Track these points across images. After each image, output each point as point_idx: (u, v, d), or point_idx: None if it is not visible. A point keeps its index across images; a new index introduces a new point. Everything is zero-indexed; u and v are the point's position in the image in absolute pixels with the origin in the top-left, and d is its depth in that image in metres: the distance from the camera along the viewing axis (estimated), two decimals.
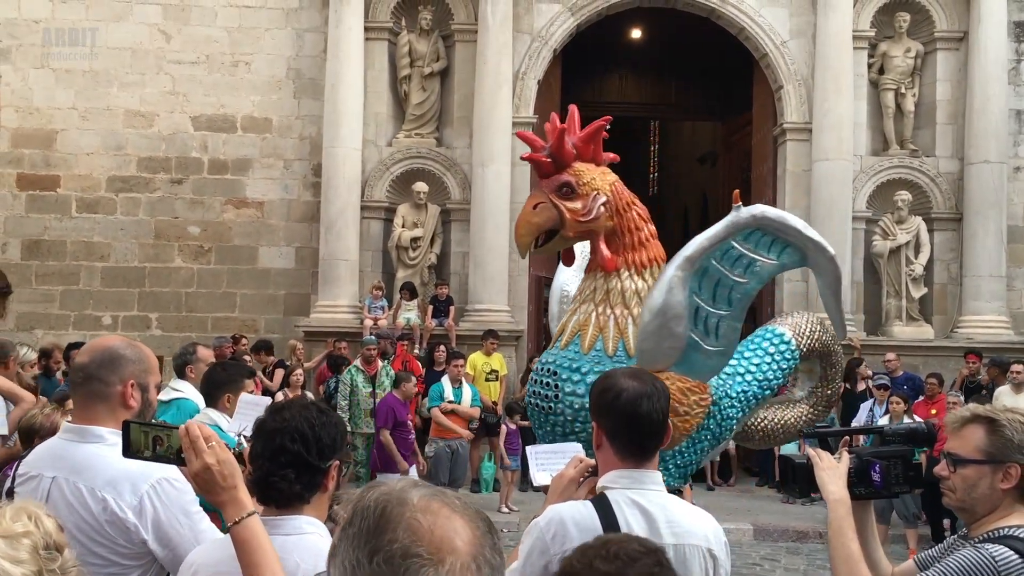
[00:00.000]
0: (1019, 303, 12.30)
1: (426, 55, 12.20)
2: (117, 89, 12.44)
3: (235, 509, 2.00)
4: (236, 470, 2.02)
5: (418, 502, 1.25)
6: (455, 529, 1.23)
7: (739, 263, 4.00)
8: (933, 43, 12.25)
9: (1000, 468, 2.21)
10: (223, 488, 2.01)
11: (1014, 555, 2.13)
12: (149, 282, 12.45)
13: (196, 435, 2.03)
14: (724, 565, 2.30)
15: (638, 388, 2.28)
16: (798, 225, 4.04)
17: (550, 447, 2.84)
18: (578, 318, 4.08)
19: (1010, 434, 2.21)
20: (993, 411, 2.27)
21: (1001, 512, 2.22)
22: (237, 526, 1.97)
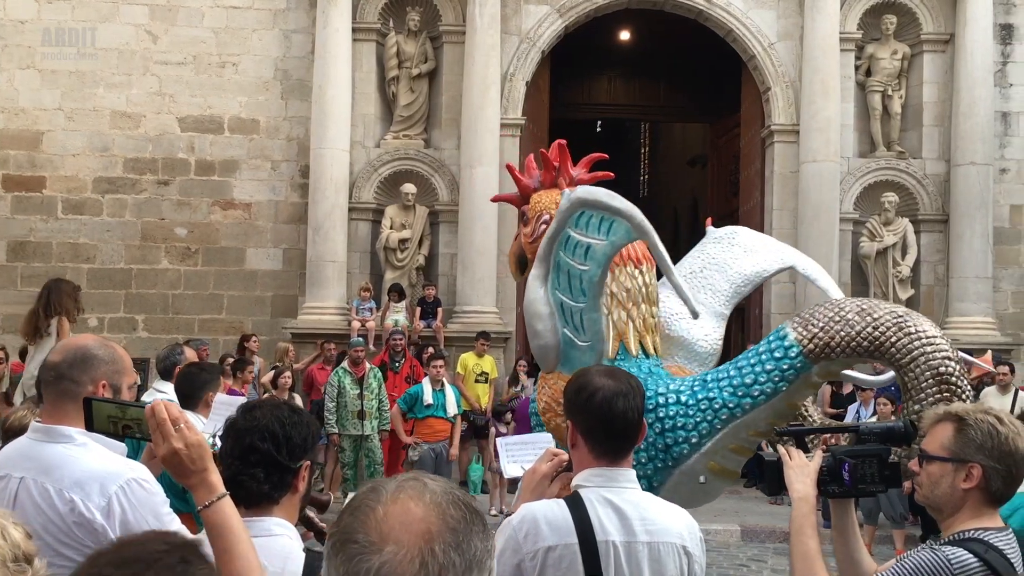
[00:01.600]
0: (1005, 304, 12.34)
1: (414, 56, 12.18)
2: (103, 90, 12.38)
3: (205, 492, 1.96)
4: (205, 452, 1.97)
5: (392, 490, 1.21)
6: (409, 519, 1.17)
7: (579, 250, 3.96)
8: (919, 45, 12.29)
9: (963, 468, 2.20)
10: (192, 471, 1.96)
11: (971, 559, 2.13)
12: (135, 284, 12.39)
13: (163, 418, 1.97)
14: (699, 561, 2.29)
15: (613, 386, 2.27)
16: (605, 198, 3.90)
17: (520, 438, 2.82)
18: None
19: (973, 434, 2.21)
20: (964, 410, 2.27)
21: (969, 513, 2.21)
22: (208, 509, 1.93)
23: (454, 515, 1.19)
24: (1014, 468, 2.20)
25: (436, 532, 1.17)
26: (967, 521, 2.21)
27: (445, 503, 1.20)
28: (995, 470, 2.19)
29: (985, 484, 2.19)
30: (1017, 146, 12.44)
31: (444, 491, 1.22)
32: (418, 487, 1.22)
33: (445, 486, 1.24)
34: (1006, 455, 2.19)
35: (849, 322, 3.84)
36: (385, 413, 10.22)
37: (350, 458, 10.15)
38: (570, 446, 2.34)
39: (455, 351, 11.23)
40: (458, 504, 1.21)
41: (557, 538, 2.15)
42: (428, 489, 1.22)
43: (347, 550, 1.16)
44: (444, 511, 1.19)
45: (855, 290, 12.19)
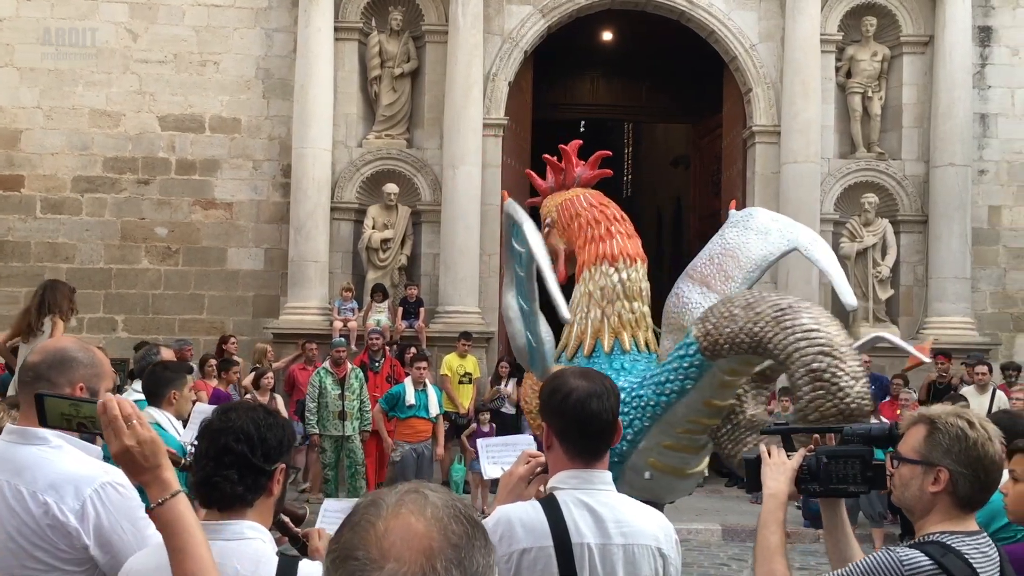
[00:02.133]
0: (983, 305, 12.44)
1: (396, 56, 12.16)
2: (83, 88, 12.29)
3: (158, 489, 1.93)
4: (159, 448, 1.95)
5: (392, 503, 1.19)
6: (410, 536, 1.14)
7: (521, 259, 4.14)
8: (899, 47, 12.38)
9: (931, 471, 2.20)
10: (145, 468, 1.94)
11: (925, 560, 2.13)
12: (115, 284, 12.31)
13: (115, 415, 1.93)
14: (674, 563, 2.30)
15: (588, 387, 2.27)
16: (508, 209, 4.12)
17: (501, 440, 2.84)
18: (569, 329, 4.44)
19: (941, 438, 2.20)
20: (937, 413, 2.26)
21: (938, 516, 2.21)
22: (161, 507, 1.91)
23: (456, 530, 1.16)
24: (982, 473, 2.18)
25: (438, 548, 1.14)
26: (935, 524, 2.21)
27: (447, 517, 1.17)
28: (962, 475, 2.17)
29: (953, 489, 2.18)
30: (995, 147, 12.55)
31: (446, 504, 1.20)
32: (420, 500, 1.19)
33: (447, 499, 1.21)
34: (974, 460, 2.17)
35: (735, 318, 3.80)
36: (366, 414, 10.20)
37: (331, 459, 10.13)
38: (545, 448, 2.34)
39: (437, 351, 11.22)
40: (460, 518, 1.18)
41: (532, 540, 2.15)
42: (430, 503, 1.19)
43: (347, 567, 1.13)
44: (446, 526, 1.16)
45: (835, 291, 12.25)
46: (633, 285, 4.45)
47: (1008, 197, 12.57)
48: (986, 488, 2.21)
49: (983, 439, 2.18)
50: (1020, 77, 12.54)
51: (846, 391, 3.69)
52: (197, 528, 1.91)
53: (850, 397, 3.70)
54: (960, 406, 2.53)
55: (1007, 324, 12.51)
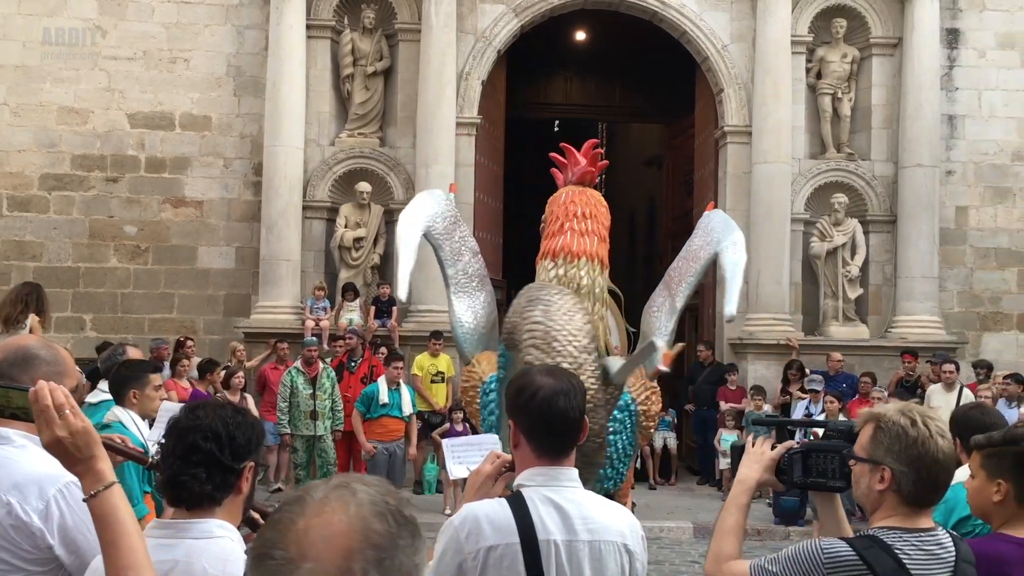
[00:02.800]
0: (951, 304, 12.60)
1: (369, 54, 12.12)
2: (50, 85, 12.14)
3: (92, 480, 1.88)
4: (92, 439, 1.89)
5: (316, 500, 1.15)
6: (330, 535, 1.11)
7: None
8: (868, 49, 12.51)
9: (877, 469, 2.23)
10: (78, 459, 1.89)
11: (847, 551, 2.16)
12: (83, 282, 12.17)
13: (46, 404, 1.88)
14: (640, 559, 2.31)
15: (554, 385, 2.28)
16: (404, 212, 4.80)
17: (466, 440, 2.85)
18: None
19: (882, 436, 2.23)
20: (883, 411, 2.29)
21: (883, 513, 2.24)
22: (94, 499, 1.87)
23: (378, 529, 1.13)
24: (923, 471, 2.18)
25: (357, 549, 1.11)
26: (881, 521, 2.24)
27: (371, 515, 1.14)
28: (903, 473, 2.19)
29: (897, 487, 2.20)
30: (963, 148, 12.71)
31: (372, 501, 1.16)
32: (345, 497, 1.15)
33: (375, 495, 1.17)
34: (915, 459, 2.18)
35: (513, 309, 4.00)
36: (338, 413, 10.17)
37: (303, 458, 10.09)
38: (512, 446, 2.34)
39: (410, 350, 11.19)
40: (385, 516, 1.15)
41: (499, 538, 2.15)
42: (356, 500, 1.15)
43: (265, 566, 1.11)
44: (368, 525, 1.13)
45: (806, 289, 12.38)
46: (571, 282, 4.54)
47: (975, 198, 12.74)
48: (932, 486, 2.21)
49: (924, 437, 2.19)
50: (987, 79, 12.71)
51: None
52: (131, 521, 1.87)
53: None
54: (913, 402, 2.56)
55: (974, 323, 12.68)
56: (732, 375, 11.80)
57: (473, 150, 12.29)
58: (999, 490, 2.55)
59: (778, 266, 11.95)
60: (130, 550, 1.80)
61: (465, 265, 5.08)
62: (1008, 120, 12.71)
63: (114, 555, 1.79)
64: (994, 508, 2.61)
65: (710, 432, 11.86)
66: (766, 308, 11.93)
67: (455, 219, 5.25)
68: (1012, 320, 12.70)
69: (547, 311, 3.91)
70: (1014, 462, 2.54)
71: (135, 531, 1.85)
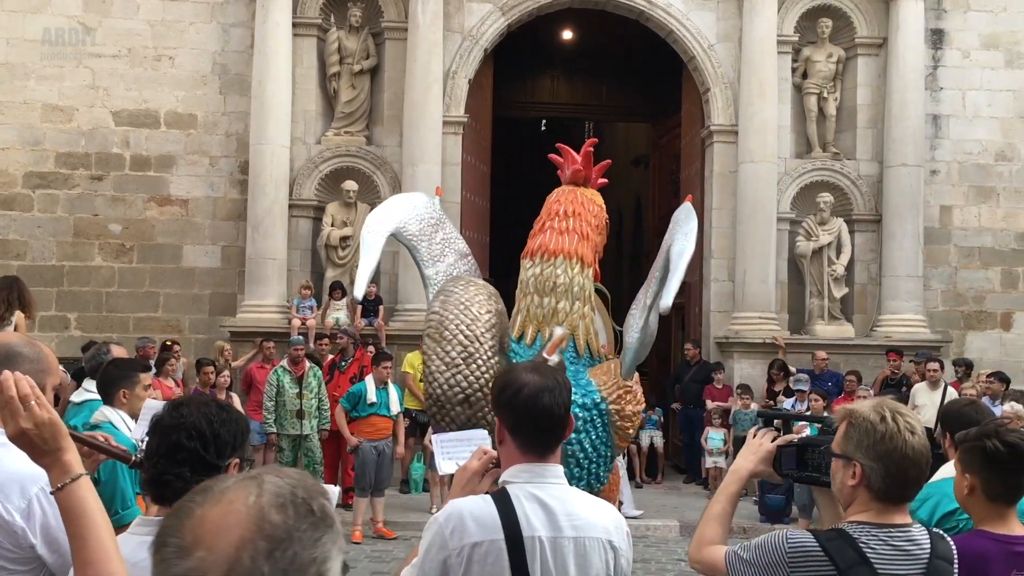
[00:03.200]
0: (935, 303, 12.67)
1: (356, 52, 12.09)
2: (34, 82, 12.06)
3: (59, 473, 1.84)
4: (58, 431, 1.85)
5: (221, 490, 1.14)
6: (224, 524, 1.10)
7: None
8: (854, 49, 12.56)
9: (849, 465, 2.25)
10: (44, 452, 1.84)
11: (811, 543, 2.20)
12: (68, 281, 12.09)
13: (10, 396, 1.83)
14: (625, 555, 2.31)
15: (539, 382, 2.28)
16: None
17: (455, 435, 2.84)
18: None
19: (853, 432, 2.25)
20: (855, 408, 2.31)
21: (856, 508, 2.27)
22: (61, 492, 1.83)
23: (274, 520, 1.11)
24: (892, 467, 2.19)
25: (248, 539, 1.09)
26: (853, 516, 2.26)
27: (269, 506, 1.12)
28: (872, 468, 2.21)
29: (867, 482, 2.22)
30: (947, 148, 12.78)
31: (277, 492, 1.14)
32: (250, 487, 1.14)
33: (283, 486, 1.15)
34: (883, 454, 2.20)
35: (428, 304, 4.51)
36: (324, 412, 10.14)
37: (289, 458, 10.05)
38: (498, 443, 2.34)
39: (397, 349, 11.17)
40: (286, 507, 1.13)
41: (483, 534, 2.15)
42: (258, 490, 1.14)
43: (161, 552, 1.11)
44: (264, 515, 1.11)
45: (792, 288, 12.43)
46: (547, 280, 4.61)
47: (959, 197, 12.81)
48: (902, 481, 2.22)
49: (892, 432, 2.20)
50: (971, 79, 12.79)
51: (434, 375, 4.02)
52: (100, 514, 1.84)
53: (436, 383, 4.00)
54: (891, 398, 2.59)
55: (958, 322, 12.75)
56: (719, 374, 11.84)
57: (460, 149, 12.29)
58: (967, 484, 2.58)
59: (764, 265, 11.99)
60: (98, 543, 1.77)
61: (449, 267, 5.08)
62: (992, 120, 12.79)
63: (82, 549, 1.76)
64: (966, 502, 2.64)
65: (696, 431, 11.90)
66: (752, 307, 11.97)
67: (436, 221, 5.24)
68: (996, 319, 12.78)
69: (445, 302, 4.09)
70: (983, 458, 2.57)
71: (104, 524, 1.82)
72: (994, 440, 2.55)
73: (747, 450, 2.52)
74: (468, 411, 4.10)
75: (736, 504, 2.53)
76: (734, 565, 2.29)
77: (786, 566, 2.20)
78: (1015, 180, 12.80)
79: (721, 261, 12.45)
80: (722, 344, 12.24)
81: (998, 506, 2.57)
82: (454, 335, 3.98)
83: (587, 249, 4.79)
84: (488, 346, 4.07)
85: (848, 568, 2.15)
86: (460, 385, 3.98)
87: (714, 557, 2.37)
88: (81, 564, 1.76)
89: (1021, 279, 12.81)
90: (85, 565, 1.75)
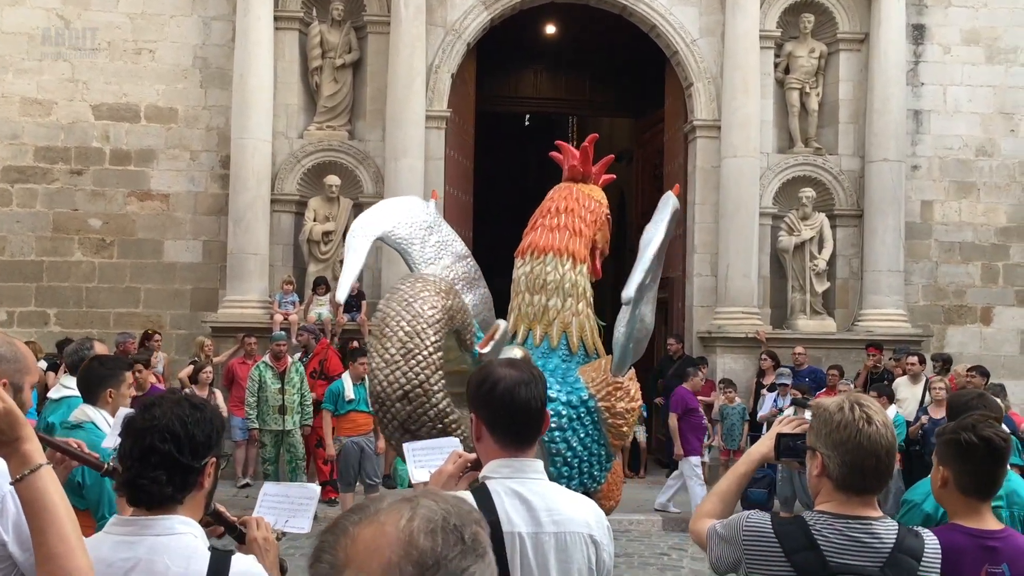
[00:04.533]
0: (916, 297, 12.75)
1: (338, 46, 12.02)
2: (12, 76, 11.94)
3: (17, 464, 1.79)
4: (16, 420, 1.80)
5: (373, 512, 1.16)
6: (376, 546, 1.12)
7: None
8: (836, 44, 12.60)
9: (815, 456, 2.32)
10: (4, 441, 1.79)
11: (766, 524, 2.30)
12: (47, 276, 11.98)
13: None
14: (607, 549, 2.31)
15: (515, 376, 2.27)
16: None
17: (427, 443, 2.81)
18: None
19: (815, 423, 2.33)
20: (821, 401, 2.38)
21: (822, 497, 2.32)
22: (21, 483, 1.79)
23: (423, 546, 1.12)
24: (847, 456, 2.23)
25: (396, 563, 1.11)
26: (817, 506, 2.33)
27: (420, 531, 1.13)
28: (830, 457, 2.26)
29: (827, 472, 2.27)
30: (928, 143, 12.85)
31: (429, 517, 1.15)
32: (402, 510, 1.15)
33: (435, 511, 1.16)
34: (839, 444, 2.24)
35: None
36: (307, 408, 10.11)
37: (271, 453, 10.03)
38: (475, 440, 2.33)
39: None
40: (435, 533, 1.14)
41: None
42: (414, 513, 1.15)
43: (315, 568, 1.14)
44: (413, 540, 1.12)
45: (774, 283, 12.47)
46: (537, 278, 4.60)
47: (940, 192, 12.89)
48: (859, 471, 2.24)
49: (847, 421, 2.24)
50: (952, 74, 12.86)
51: (374, 372, 4.06)
52: (63, 506, 1.80)
53: (375, 379, 4.05)
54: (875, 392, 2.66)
55: (938, 316, 12.83)
56: (702, 368, 11.85)
57: (443, 143, 12.24)
58: (941, 476, 2.60)
59: (746, 260, 12.02)
60: (60, 538, 1.73)
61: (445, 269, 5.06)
62: (972, 115, 12.86)
63: (43, 543, 1.72)
64: (940, 494, 2.65)
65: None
66: (735, 302, 12.00)
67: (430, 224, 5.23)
68: (976, 313, 12.87)
69: (388, 299, 4.12)
70: (957, 451, 2.59)
71: (66, 516, 1.78)
72: (969, 433, 2.56)
73: (767, 437, 2.59)
74: (408, 407, 4.06)
75: (743, 484, 2.65)
76: (711, 538, 2.42)
77: (740, 544, 2.31)
78: (995, 175, 12.89)
79: (704, 256, 12.47)
80: (705, 339, 12.27)
81: (971, 500, 2.58)
82: (394, 331, 3.96)
83: (579, 245, 4.77)
84: (430, 342, 4.02)
85: (794, 552, 2.22)
86: (399, 382, 3.95)
87: (701, 528, 2.51)
88: (43, 559, 1.72)
89: (1001, 274, 12.90)
90: (47, 560, 1.71)
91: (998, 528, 2.59)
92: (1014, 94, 12.88)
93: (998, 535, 2.55)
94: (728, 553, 2.35)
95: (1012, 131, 12.91)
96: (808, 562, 2.20)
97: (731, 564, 2.37)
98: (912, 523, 2.78)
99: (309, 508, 2.85)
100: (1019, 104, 12.90)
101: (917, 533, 2.32)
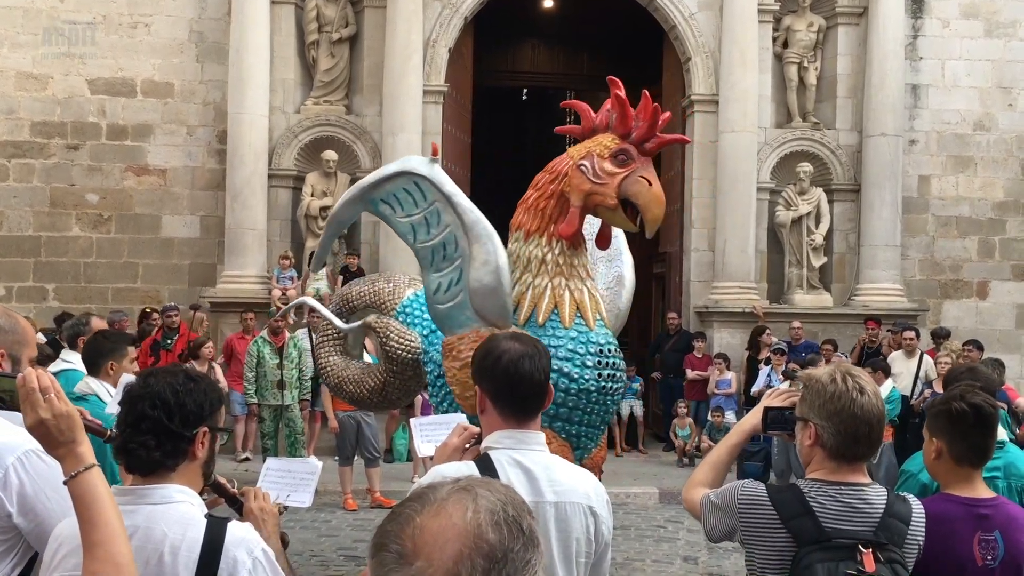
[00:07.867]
0: (912, 272, 12.79)
1: (334, 20, 11.95)
2: (8, 50, 11.88)
3: (73, 462, 1.92)
4: (74, 423, 1.93)
5: (438, 500, 1.17)
6: (444, 538, 1.12)
7: None
8: (834, 18, 12.54)
9: (806, 426, 2.38)
10: (60, 442, 1.92)
11: (760, 493, 2.36)
12: (45, 252, 11.99)
13: (32, 387, 1.91)
14: (606, 522, 2.35)
15: (519, 349, 2.31)
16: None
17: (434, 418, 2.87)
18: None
19: (807, 394, 2.39)
20: (812, 372, 2.44)
21: (813, 467, 2.39)
22: (74, 480, 1.90)
23: (491, 539, 1.13)
24: (841, 425, 2.30)
25: (467, 555, 1.12)
26: (809, 474, 2.39)
27: (487, 523, 1.14)
28: (823, 427, 2.33)
29: (821, 441, 2.34)
30: (926, 118, 12.83)
31: (491, 509, 1.16)
32: (465, 501, 1.17)
33: (495, 502, 1.17)
34: (832, 413, 2.31)
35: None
36: (305, 383, 10.15)
37: (270, 428, 10.07)
38: (479, 412, 2.37)
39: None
40: (500, 526, 1.15)
41: None
42: (475, 505, 1.16)
43: (380, 556, 1.15)
44: (481, 533, 1.13)
45: (771, 258, 12.49)
46: (511, 254, 4.77)
47: (937, 167, 12.89)
48: (852, 439, 2.32)
49: (841, 391, 2.31)
50: (950, 49, 12.82)
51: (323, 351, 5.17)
52: (109, 501, 1.91)
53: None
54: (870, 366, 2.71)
55: (935, 291, 12.88)
56: (699, 343, 11.91)
57: (440, 118, 12.21)
58: (934, 448, 2.64)
59: (744, 235, 12.04)
60: (107, 527, 1.87)
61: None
62: (970, 90, 12.84)
63: (91, 532, 1.86)
64: (934, 466, 2.70)
65: (677, 400, 11.98)
66: (732, 276, 12.03)
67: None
68: (972, 288, 12.91)
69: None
70: (947, 420, 2.64)
71: (112, 509, 1.90)
72: (959, 402, 2.62)
73: (757, 409, 2.64)
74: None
75: (735, 455, 2.71)
76: (705, 507, 2.48)
77: (736, 513, 2.37)
78: (993, 150, 12.89)
79: (701, 231, 12.48)
80: (702, 314, 12.31)
81: (964, 469, 2.63)
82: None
83: (526, 216, 4.77)
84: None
85: (791, 519, 2.28)
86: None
87: (694, 497, 2.56)
88: (90, 545, 1.85)
89: (997, 248, 12.93)
90: (94, 546, 1.85)
91: (990, 496, 2.64)
92: (1012, 68, 12.85)
93: (990, 503, 2.60)
94: (722, 522, 2.41)
95: (1010, 105, 12.89)
96: (804, 528, 2.26)
97: (725, 532, 2.43)
98: (909, 492, 2.82)
99: (311, 483, 2.94)
100: (1017, 78, 12.87)
101: (904, 499, 2.40)
